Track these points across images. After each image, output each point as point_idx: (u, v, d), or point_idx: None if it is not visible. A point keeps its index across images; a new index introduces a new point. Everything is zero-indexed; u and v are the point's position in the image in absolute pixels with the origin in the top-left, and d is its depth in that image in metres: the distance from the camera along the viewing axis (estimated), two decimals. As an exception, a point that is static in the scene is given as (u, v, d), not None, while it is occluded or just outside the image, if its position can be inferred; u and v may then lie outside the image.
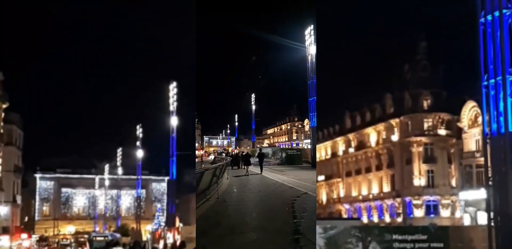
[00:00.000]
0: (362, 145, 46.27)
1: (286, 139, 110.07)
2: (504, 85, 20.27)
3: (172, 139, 42.79)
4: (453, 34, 33.78)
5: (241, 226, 14.52)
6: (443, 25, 36.17)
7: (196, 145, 44.57)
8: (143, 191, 56.78)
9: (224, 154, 50.82)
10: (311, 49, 47.47)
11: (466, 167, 37.24)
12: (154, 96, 42.96)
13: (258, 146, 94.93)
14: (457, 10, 28.85)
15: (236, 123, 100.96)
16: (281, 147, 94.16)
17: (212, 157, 52.13)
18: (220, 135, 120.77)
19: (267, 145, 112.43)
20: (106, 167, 55.76)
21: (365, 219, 44.23)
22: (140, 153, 51.38)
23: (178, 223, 42.15)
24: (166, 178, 56.23)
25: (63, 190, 56.74)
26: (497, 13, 20.33)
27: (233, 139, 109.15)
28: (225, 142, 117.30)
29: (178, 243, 33.25)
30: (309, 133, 68.67)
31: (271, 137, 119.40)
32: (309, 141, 68.92)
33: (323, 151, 53.23)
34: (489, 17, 20.64)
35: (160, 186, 60.67)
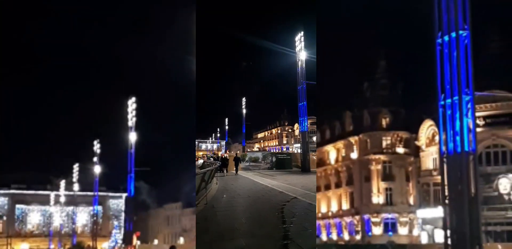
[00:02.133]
0: (321, 162, 46.38)
1: (277, 143, 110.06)
2: (460, 105, 20.55)
3: (130, 155, 42.30)
4: (411, 53, 34.26)
5: (230, 232, 14.39)
6: (402, 44, 36.69)
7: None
8: (100, 207, 55.95)
9: (212, 159, 50.34)
10: (301, 55, 47.97)
11: (423, 185, 37.62)
12: (113, 112, 42.42)
13: (248, 149, 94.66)
14: (415, 30, 29.31)
15: (227, 127, 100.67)
16: (272, 151, 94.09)
17: (201, 161, 51.62)
18: (210, 138, 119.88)
19: (257, 149, 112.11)
20: (62, 183, 54.88)
21: (324, 237, 44.24)
22: (97, 169, 50.67)
23: (135, 241, 41.56)
24: (124, 195, 55.56)
25: (17, 206, 55.65)
26: (453, 34, 20.64)
27: (223, 142, 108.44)
28: (215, 145, 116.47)
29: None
30: (299, 137, 69.00)
31: (262, 141, 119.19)
32: (299, 145, 69.04)
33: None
34: (446, 38, 20.95)
35: (118, 203, 59.91)
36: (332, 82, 37.81)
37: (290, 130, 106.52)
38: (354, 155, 42.04)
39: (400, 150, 40.12)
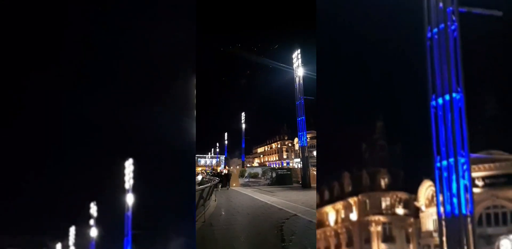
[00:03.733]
0: (321, 224, 46.00)
1: (277, 158, 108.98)
2: (456, 167, 20.65)
3: (127, 218, 41.99)
4: (409, 115, 34.63)
5: None
6: (400, 106, 37.10)
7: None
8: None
9: (211, 174, 49.91)
10: (299, 71, 48.72)
11: (424, 247, 37.20)
12: (109, 173, 42.43)
13: (248, 164, 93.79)
14: (411, 92, 29.75)
15: (226, 142, 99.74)
16: (272, 165, 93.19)
17: (200, 177, 50.79)
18: (209, 153, 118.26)
19: (257, 164, 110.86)
20: (58, 246, 54.18)
21: None
22: (93, 232, 50.15)
23: None
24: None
25: (13, 269, 54.80)
26: (447, 97, 20.97)
27: (223, 157, 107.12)
28: (214, 161, 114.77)
29: None
30: (299, 151, 68.86)
31: (262, 155, 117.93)
32: (299, 159, 68.67)
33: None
34: (440, 101, 21.25)
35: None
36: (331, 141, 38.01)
37: (290, 145, 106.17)
38: (353, 216, 41.74)
39: (400, 210, 39.87)
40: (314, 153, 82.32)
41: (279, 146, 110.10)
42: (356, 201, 41.64)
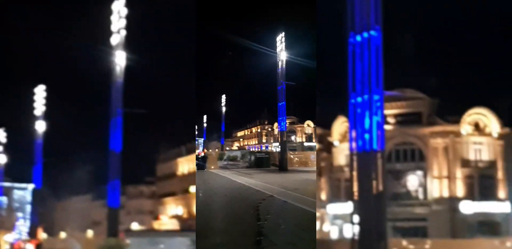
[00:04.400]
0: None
1: (256, 142, 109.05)
2: (370, 103, 21.04)
3: (37, 145, 41.12)
4: (326, 52, 34.84)
5: (205, 231, 14.28)
6: (326, 41, 37.24)
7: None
8: (5, 199, 54.15)
9: None
10: (282, 55, 48.32)
11: (335, 181, 38.33)
12: (21, 99, 40.90)
13: (227, 148, 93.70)
14: (329, 28, 29.80)
15: (205, 125, 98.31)
16: (251, 149, 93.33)
17: None
18: None
19: (237, 148, 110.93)
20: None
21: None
22: (2, 159, 48.95)
23: (41, 234, 40.52)
24: (31, 186, 53.98)
25: None
26: (365, 34, 21.07)
27: (201, 140, 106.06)
28: None
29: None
30: (278, 136, 69.23)
31: (242, 139, 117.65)
32: (277, 144, 69.24)
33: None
34: (358, 38, 21.38)
35: (23, 194, 58.14)
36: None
37: (269, 129, 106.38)
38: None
39: (315, 145, 40.76)
40: (292, 138, 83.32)
41: (259, 130, 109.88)
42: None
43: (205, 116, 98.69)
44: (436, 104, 34.65)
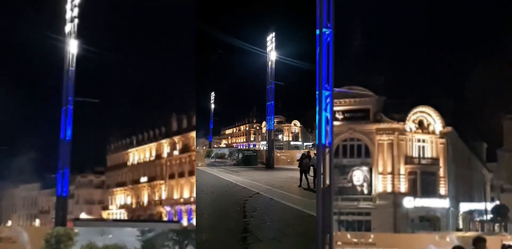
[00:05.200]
0: (187, 148, 46.66)
1: (244, 140, 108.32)
2: (320, 100, 21.45)
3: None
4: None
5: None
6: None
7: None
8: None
9: None
10: (272, 55, 48.47)
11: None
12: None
13: (215, 145, 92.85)
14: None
15: None
16: (239, 147, 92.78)
17: None
18: None
19: (225, 145, 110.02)
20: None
21: (185, 222, 44.56)
22: None
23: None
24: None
25: None
26: (317, 32, 21.46)
27: None
28: None
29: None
30: (265, 134, 69.25)
31: (230, 137, 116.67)
32: (265, 142, 69.26)
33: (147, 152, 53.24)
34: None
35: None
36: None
37: (258, 128, 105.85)
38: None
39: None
40: (280, 137, 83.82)
41: (247, 129, 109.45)
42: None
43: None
44: (383, 102, 35.46)
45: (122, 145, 48.48)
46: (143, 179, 47.96)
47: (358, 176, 34.66)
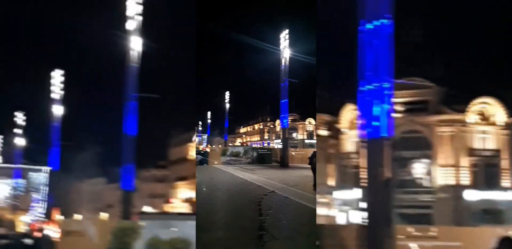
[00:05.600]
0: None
1: (258, 138, 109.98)
2: (380, 91, 21.32)
3: (54, 128, 41.67)
4: (336, 39, 35.02)
5: (208, 225, 14.59)
6: (329, 29, 37.39)
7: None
8: (22, 180, 54.67)
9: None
10: (285, 53, 48.70)
11: (341, 167, 38.64)
12: (38, 84, 41.35)
13: (230, 144, 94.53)
14: (340, 16, 29.99)
15: (209, 121, 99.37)
16: (253, 146, 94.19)
17: None
18: None
19: (239, 144, 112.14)
20: (-18, 154, 53.30)
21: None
22: (20, 141, 49.40)
23: (56, 215, 41.11)
24: (47, 168, 54.56)
25: None
26: (376, 23, 21.30)
27: (205, 136, 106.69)
28: (197, 139, 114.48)
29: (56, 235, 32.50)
30: (280, 133, 69.94)
31: (244, 135, 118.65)
32: (279, 140, 70.00)
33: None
34: (369, 26, 21.61)
35: (40, 176, 58.82)
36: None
37: (271, 126, 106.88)
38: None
39: (323, 132, 40.97)
40: (294, 135, 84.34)
41: (261, 127, 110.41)
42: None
43: (209, 113, 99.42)
44: (444, 93, 34.87)
45: (183, 139, 49.08)
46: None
47: (418, 168, 34.24)
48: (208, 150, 54.24)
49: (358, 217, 22.48)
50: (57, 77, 42.33)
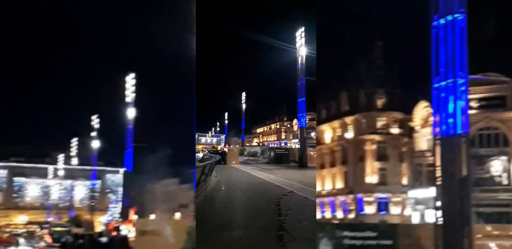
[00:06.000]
0: (317, 142, 46.71)
1: (275, 138, 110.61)
2: (454, 87, 20.87)
3: (128, 131, 42.58)
4: (408, 35, 34.50)
5: (228, 224, 14.71)
6: (399, 26, 36.84)
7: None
8: (98, 182, 56.18)
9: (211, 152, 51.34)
10: (302, 51, 48.47)
11: (416, 166, 38.01)
12: (111, 87, 42.49)
13: (247, 144, 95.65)
14: (412, 12, 29.52)
15: (226, 121, 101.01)
16: (270, 145, 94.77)
17: (201, 154, 52.60)
18: (210, 132, 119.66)
19: (256, 144, 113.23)
20: (61, 156, 55.01)
21: (318, 215, 44.75)
22: (95, 144, 50.80)
23: (132, 216, 42.03)
24: (122, 170, 55.91)
25: (16, 179, 55.81)
26: (449, 17, 20.87)
27: (223, 137, 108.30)
28: (214, 139, 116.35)
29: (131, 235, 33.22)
30: (297, 132, 69.73)
31: (261, 135, 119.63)
32: (297, 140, 69.91)
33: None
34: (442, 21, 21.18)
35: (115, 178, 60.37)
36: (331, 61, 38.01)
37: (289, 125, 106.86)
38: (349, 135, 42.34)
39: (395, 130, 40.43)
40: (312, 134, 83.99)
41: (278, 127, 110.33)
42: (353, 120, 42.10)
43: (226, 114, 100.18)
44: (522, 88, 33.84)
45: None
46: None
47: (496, 166, 33.28)
48: (226, 150, 54.59)
49: (433, 216, 22.04)
50: (129, 80, 43.30)
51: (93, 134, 50.54)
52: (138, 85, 43.17)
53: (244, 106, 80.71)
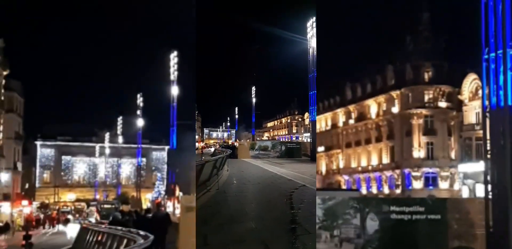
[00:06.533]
0: (362, 117, 46.27)
1: (286, 132, 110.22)
2: (505, 59, 20.12)
3: (172, 109, 42.66)
4: (455, 5, 33.58)
5: (240, 216, 14.71)
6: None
7: (196, 137, 44.35)
8: (144, 159, 56.73)
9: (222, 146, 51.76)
10: (313, 42, 47.85)
11: (465, 140, 37.25)
12: (155, 66, 42.74)
13: (258, 138, 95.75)
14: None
15: (237, 116, 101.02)
16: (281, 140, 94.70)
17: (212, 149, 53.07)
18: (220, 127, 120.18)
19: (267, 138, 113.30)
20: (107, 135, 55.63)
21: (364, 190, 44.49)
22: (140, 122, 51.13)
23: (178, 192, 42.31)
24: (167, 147, 56.32)
25: (64, 157, 56.79)
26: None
27: (233, 131, 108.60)
28: (225, 134, 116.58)
29: (177, 211, 33.46)
30: (309, 126, 69.06)
31: (271, 130, 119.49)
32: (308, 134, 69.34)
33: (323, 122, 53.55)
34: (492, -10, 20.44)
35: (160, 155, 61.00)
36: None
37: (300, 119, 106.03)
38: (395, 109, 41.73)
39: (443, 104, 39.69)
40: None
41: (288, 121, 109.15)
42: (399, 94, 41.36)
43: (236, 108, 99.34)
44: None
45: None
46: (320, 149, 48.45)
47: (548, 139, 32.31)
48: (236, 144, 54.59)
49: (483, 190, 21.57)
50: (173, 58, 43.08)
51: (138, 112, 50.68)
52: (180, 63, 42.98)
53: (254, 100, 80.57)
